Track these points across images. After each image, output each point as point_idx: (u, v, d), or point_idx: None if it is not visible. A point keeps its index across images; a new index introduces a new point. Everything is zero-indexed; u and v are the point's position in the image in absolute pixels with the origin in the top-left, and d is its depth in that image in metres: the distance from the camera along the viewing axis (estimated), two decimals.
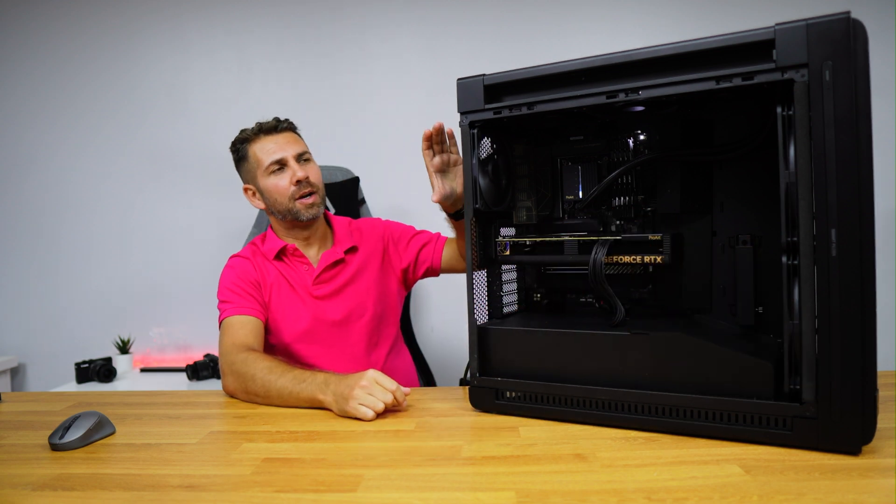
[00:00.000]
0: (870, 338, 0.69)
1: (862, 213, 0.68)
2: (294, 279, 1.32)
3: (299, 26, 2.20)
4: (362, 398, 0.94)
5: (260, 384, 1.05)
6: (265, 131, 1.31)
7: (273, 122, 1.32)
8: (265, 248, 1.35)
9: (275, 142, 1.30)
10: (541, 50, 2.09)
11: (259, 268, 1.32)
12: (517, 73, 0.88)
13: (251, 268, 1.31)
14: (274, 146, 1.30)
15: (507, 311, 1.07)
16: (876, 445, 0.72)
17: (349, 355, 1.31)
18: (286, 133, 1.32)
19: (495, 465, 0.73)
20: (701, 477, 0.67)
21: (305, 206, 1.29)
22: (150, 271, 2.27)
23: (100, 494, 0.69)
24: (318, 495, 0.66)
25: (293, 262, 1.34)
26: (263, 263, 1.33)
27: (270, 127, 1.31)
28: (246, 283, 1.28)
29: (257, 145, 1.31)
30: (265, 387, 1.04)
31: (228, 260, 1.35)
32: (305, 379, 1.02)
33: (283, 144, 1.30)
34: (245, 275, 1.29)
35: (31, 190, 2.31)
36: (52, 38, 2.28)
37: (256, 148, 1.31)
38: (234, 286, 1.27)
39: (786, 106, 0.72)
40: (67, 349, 2.26)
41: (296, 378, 1.03)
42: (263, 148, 1.30)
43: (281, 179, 1.29)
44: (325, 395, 0.98)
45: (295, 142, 1.33)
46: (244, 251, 1.37)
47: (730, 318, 0.94)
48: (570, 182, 1.06)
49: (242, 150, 1.33)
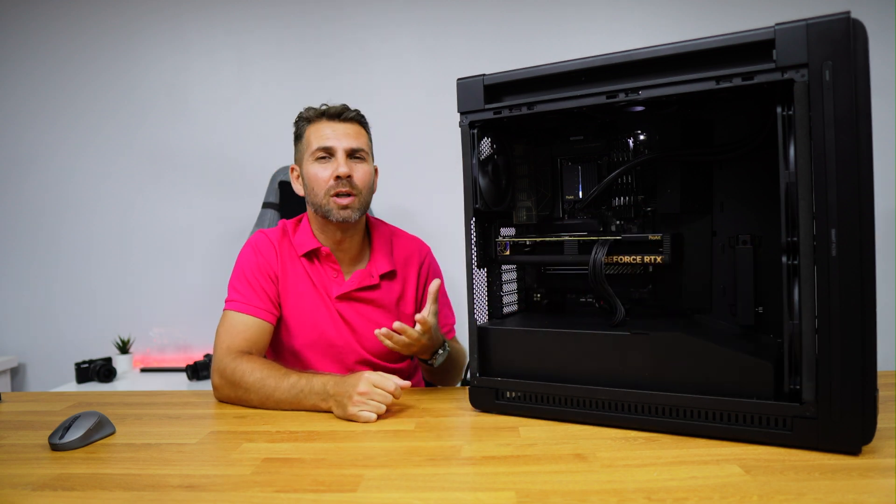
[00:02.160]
0: (870, 338, 0.69)
1: (862, 213, 0.68)
2: (320, 282, 1.23)
3: (299, 26, 2.20)
4: (364, 404, 0.93)
5: (255, 397, 1.04)
6: (328, 116, 1.21)
7: (340, 107, 1.22)
8: (296, 241, 1.24)
9: (332, 129, 1.20)
10: (541, 50, 2.09)
11: (283, 257, 1.23)
12: (517, 73, 0.88)
13: (274, 256, 1.22)
14: (330, 132, 1.19)
15: (507, 311, 1.07)
16: (876, 445, 0.72)
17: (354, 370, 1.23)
18: (349, 124, 1.21)
19: (495, 465, 0.73)
20: (701, 477, 0.67)
21: (339, 206, 1.17)
22: (150, 271, 2.27)
23: (100, 494, 0.69)
24: (318, 495, 0.66)
25: (323, 265, 1.24)
26: (290, 255, 1.23)
27: (335, 112, 1.21)
28: (264, 275, 1.20)
29: (314, 127, 1.21)
30: (261, 400, 1.03)
31: (254, 235, 1.26)
32: (302, 389, 1.00)
33: (340, 135, 1.19)
34: (266, 265, 1.21)
35: (31, 190, 2.31)
36: (52, 38, 2.28)
37: (312, 130, 1.21)
38: (252, 275, 1.19)
39: (786, 106, 0.72)
40: (67, 349, 2.26)
41: (293, 388, 1.01)
42: (318, 131, 1.20)
43: (323, 169, 1.18)
44: (325, 404, 0.98)
45: (355, 135, 1.21)
46: (273, 233, 1.26)
47: (730, 318, 0.94)
48: (570, 182, 1.06)
49: (300, 128, 1.24)
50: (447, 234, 1.87)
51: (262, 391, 1.03)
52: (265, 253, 1.22)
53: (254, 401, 1.04)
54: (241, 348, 1.12)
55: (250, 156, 2.21)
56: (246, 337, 1.14)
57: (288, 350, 1.25)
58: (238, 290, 1.19)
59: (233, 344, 1.12)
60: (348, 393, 0.94)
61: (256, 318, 1.16)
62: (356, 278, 1.24)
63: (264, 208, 1.83)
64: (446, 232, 1.99)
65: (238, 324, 1.15)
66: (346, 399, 0.94)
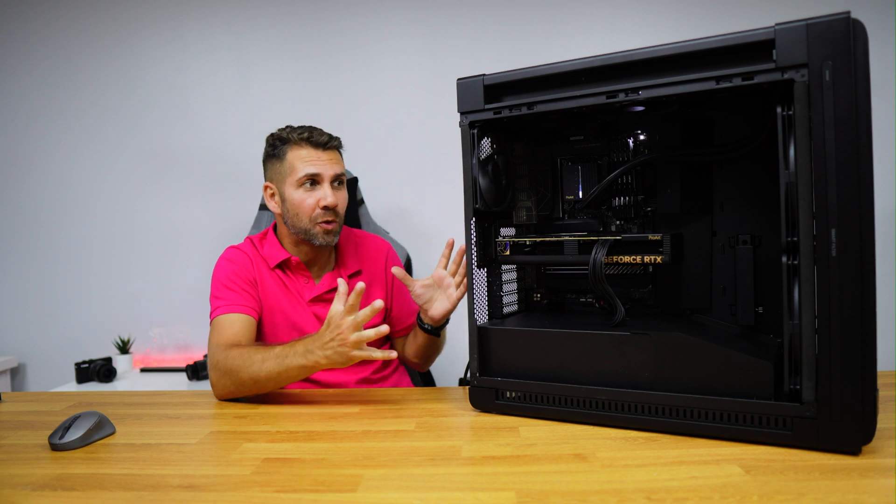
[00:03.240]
0: (870, 338, 0.69)
1: (862, 213, 0.68)
2: (294, 288, 1.30)
3: (299, 26, 2.20)
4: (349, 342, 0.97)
5: (246, 376, 1.05)
6: (314, 143, 1.24)
7: (325, 137, 1.25)
8: (265, 253, 1.30)
9: (318, 156, 1.24)
10: (541, 50, 2.09)
11: (257, 266, 1.29)
12: (517, 73, 0.88)
13: (249, 264, 1.28)
14: (316, 160, 1.23)
15: (507, 312, 1.07)
16: (876, 445, 0.72)
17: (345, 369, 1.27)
18: (332, 152, 1.26)
19: (495, 465, 0.73)
20: (701, 477, 0.67)
21: (324, 232, 1.24)
22: (150, 271, 2.27)
23: (100, 494, 0.69)
24: (318, 495, 0.66)
25: (295, 273, 1.31)
26: (263, 265, 1.29)
27: (322, 142, 1.24)
28: (241, 279, 1.25)
29: (298, 152, 1.24)
30: (252, 377, 1.05)
31: (225, 251, 1.31)
32: (287, 354, 1.03)
33: (326, 162, 1.24)
34: (242, 271, 1.26)
35: (31, 190, 2.30)
36: (51, 38, 2.27)
37: (295, 154, 1.24)
38: (229, 281, 1.24)
39: (786, 106, 0.72)
40: (67, 349, 2.26)
41: (278, 356, 1.03)
42: (303, 158, 1.23)
43: (309, 197, 1.23)
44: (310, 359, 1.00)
45: (337, 163, 1.26)
46: (244, 245, 1.32)
47: (730, 318, 0.94)
48: (570, 182, 1.06)
49: (280, 149, 1.26)
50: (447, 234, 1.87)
51: (251, 368, 1.05)
52: (240, 262, 1.28)
53: (246, 380, 1.06)
54: (230, 342, 1.15)
55: (250, 156, 2.19)
56: (234, 332, 1.17)
57: None
58: (219, 297, 1.23)
59: (221, 340, 1.15)
60: (322, 339, 0.98)
61: (241, 314, 1.20)
62: (326, 281, 1.32)
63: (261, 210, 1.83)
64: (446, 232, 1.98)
65: (224, 323, 1.19)
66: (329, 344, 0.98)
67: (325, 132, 1.27)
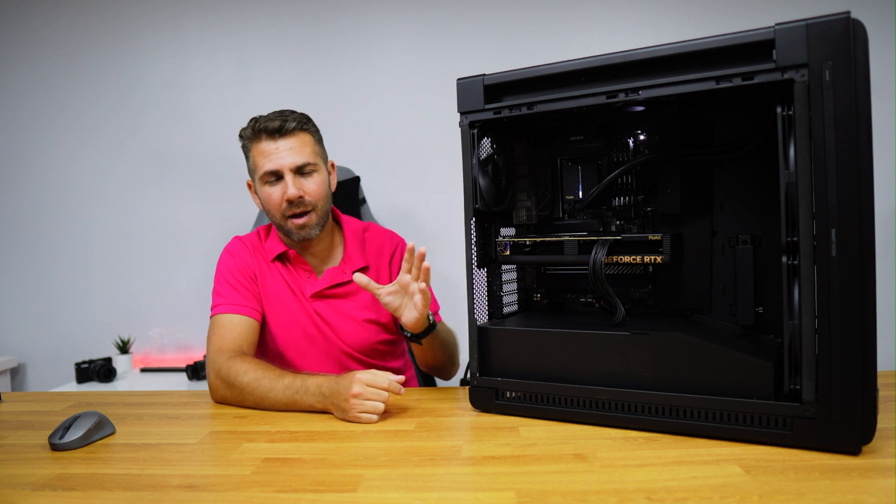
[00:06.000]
0: (870, 338, 0.69)
1: (862, 213, 0.68)
2: (294, 283, 1.26)
3: (299, 26, 2.20)
4: (361, 406, 0.93)
5: (251, 398, 1.03)
6: (268, 133, 1.16)
7: (277, 122, 1.16)
8: (267, 246, 1.27)
9: (275, 147, 1.16)
10: (541, 50, 2.09)
11: (259, 259, 1.26)
12: (517, 73, 0.88)
13: (251, 257, 1.25)
14: (272, 152, 1.16)
15: (507, 312, 1.07)
16: (876, 445, 0.72)
17: (344, 367, 1.26)
18: (290, 138, 1.17)
19: (495, 465, 0.73)
20: (701, 477, 0.67)
21: (296, 227, 1.19)
22: (150, 271, 2.27)
23: (100, 494, 0.69)
24: (318, 495, 0.66)
25: (295, 266, 1.27)
26: (265, 258, 1.26)
27: (273, 129, 1.16)
28: (244, 275, 1.22)
29: (256, 147, 1.19)
30: (256, 401, 1.03)
31: (230, 242, 1.29)
32: (297, 390, 0.99)
33: (283, 152, 1.16)
34: (244, 266, 1.24)
35: (31, 190, 2.30)
36: (51, 38, 2.27)
37: (255, 150, 1.19)
38: (232, 277, 1.21)
39: (786, 106, 0.72)
40: (67, 349, 2.26)
41: (287, 389, 1.00)
42: (261, 152, 1.18)
43: (274, 192, 1.18)
44: (322, 405, 0.98)
45: (298, 149, 1.17)
46: (249, 237, 1.29)
47: (730, 318, 0.94)
48: (570, 182, 1.06)
49: (245, 146, 1.22)
50: (447, 233, 1.87)
51: (257, 392, 1.02)
52: (241, 255, 1.26)
53: (249, 402, 1.04)
54: (232, 347, 1.13)
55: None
56: (235, 336, 1.15)
57: (273, 352, 1.27)
58: (221, 294, 1.21)
59: (223, 344, 1.13)
60: (342, 395, 0.94)
61: (243, 316, 1.18)
62: (328, 276, 1.26)
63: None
64: (446, 232, 1.99)
65: (226, 324, 1.16)
66: (343, 402, 0.94)
67: (278, 116, 1.18)
